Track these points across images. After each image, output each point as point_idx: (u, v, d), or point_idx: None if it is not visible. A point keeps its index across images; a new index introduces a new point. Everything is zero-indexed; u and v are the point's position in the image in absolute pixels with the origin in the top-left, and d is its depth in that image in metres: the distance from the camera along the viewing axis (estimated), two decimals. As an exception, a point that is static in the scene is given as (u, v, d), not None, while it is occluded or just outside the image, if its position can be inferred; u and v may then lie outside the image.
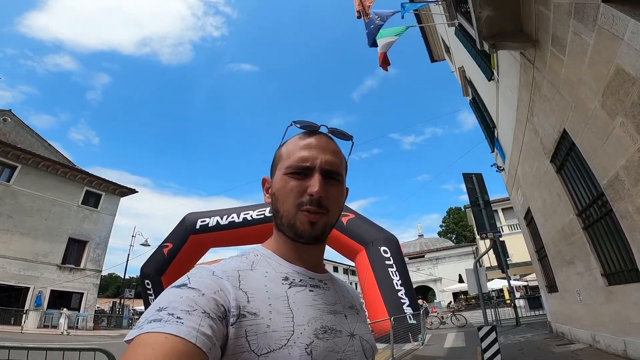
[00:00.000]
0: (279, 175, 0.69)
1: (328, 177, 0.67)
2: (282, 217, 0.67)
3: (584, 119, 4.00)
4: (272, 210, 0.71)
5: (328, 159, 0.68)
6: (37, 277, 19.41)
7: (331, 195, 0.67)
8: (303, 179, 0.66)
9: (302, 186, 0.66)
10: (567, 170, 5.60)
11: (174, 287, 0.55)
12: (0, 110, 22.16)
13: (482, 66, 6.42)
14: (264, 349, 0.53)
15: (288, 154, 0.69)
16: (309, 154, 0.67)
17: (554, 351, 6.87)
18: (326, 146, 0.70)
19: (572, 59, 3.52)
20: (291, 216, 0.66)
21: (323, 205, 0.65)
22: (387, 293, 12.11)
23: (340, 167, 0.71)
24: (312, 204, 0.65)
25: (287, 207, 0.66)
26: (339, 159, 0.71)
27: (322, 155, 0.68)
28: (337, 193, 0.69)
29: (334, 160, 0.69)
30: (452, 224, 56.03)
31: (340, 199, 0.71)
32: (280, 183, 0.68)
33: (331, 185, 0.67)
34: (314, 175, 0.66)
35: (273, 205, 0.70)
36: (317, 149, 0.68)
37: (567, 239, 6.50)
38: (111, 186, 24.43)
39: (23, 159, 20.04)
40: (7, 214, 18.90)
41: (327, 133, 0.73)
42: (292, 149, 0.69)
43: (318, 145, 0.69)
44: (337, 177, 0.69)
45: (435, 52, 13.65)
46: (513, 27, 4.03)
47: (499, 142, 9.77)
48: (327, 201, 0.66)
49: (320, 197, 0.65)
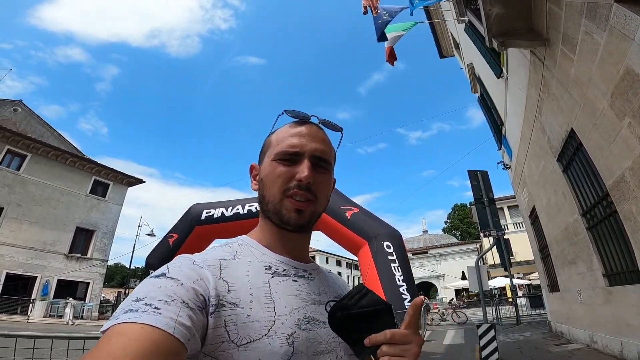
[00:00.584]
0: (268, 161, 0.69)
1: (317, 164, 0.67)
2: (268, 203, 0.67)
3: (592, 119, 3.98)
4: (259, 196, 0.71)
5: (317, 146, 0.68)
6: (44, 266, 19.57)
7: (319, 183, 0.67)
8: (292, 165, 0.66)
9: (291, 172, 0.66)
10: (573, 170, 5.57)
11: (152, 276, 0.54)
12: (11, 101, 22.39)
13: (491, 63, 6.37)
14: (243, 339, 0.52)
15: (278, 141, 0.69)
16: (298, 141, 0.67)
17: (551, 351, 6.90)
18: (316, 134, 0.70)
19: (582, 58, 3.50)
20: (277, 202, 0.66)
21: (312, 190, 0.65)
22: (389, 288, 12.14)
23: (330, 155, 0.71)
24: (301, 189, 0.64)
25: (273, 193, 0.66)
26: (328, 147, 0.71)
27: (311, 143, 0.68)
28: (325, 181, 0.69)
29: (324, 148, 0.69)
30: (457, 221, 55.86)
31: (328, 187, 0.71)
32: (269, 169, 0.68)
33: (320, 173, 0.67)
34: (303, 161, 0.66)
35: (260, 192, 0.70)
36: (307, 136, 0.68)
37: (571, 238, 6.48)
38: (119, 176, 24.60)
39: (33, 148, 20.24)
40: (17, 203, 19.10)
41: (318, 123, 0.73)
42: (282, 137, 0.69)
43: (308, 133, 0.69)
44: (325, 166, 0.69)
45: (444, 48, 13.52)
46: (523, 25, 3.99)
47: (507, 140, 9.71)
48: (315, 187, 0.66)
49: (309, 183, 0.64)
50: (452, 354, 8.00)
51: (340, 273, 47.66)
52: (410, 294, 12.27)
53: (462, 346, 8.99)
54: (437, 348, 8.86)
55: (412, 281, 13.20)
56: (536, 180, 7.92)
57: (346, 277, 48.42)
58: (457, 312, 16.27)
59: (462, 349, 8.51)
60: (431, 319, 16.07)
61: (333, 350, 0.61)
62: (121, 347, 0.41)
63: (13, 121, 21.32)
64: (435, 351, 8.41)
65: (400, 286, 12.36)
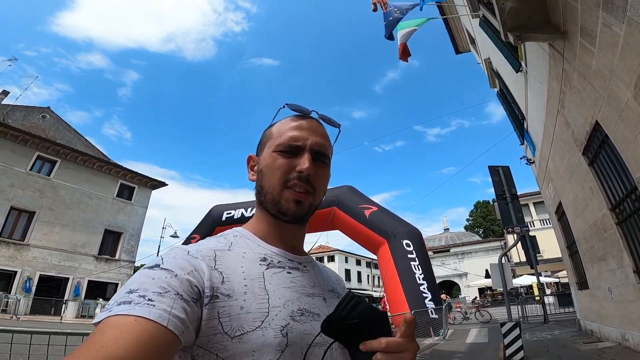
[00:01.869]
0: (268, 152, 0.70)
1: (317, 158, 0.69)
2: (267, 193, 0.68)
3: (617, 110, 3.85)
4: (257, 187, 0.72)
5: (318, 140, 0.69)
6: (75, 268, 20.23)
7: (318, 176, 0.68)
8: (292, 157, 0.67)
9: (291, 164, 0.67)
10: (599, 163, 5.40)
11: (146, 268, 0.53)
12: (40, 108, 23.09)
13: (509, 57, 6.23)
14: (237, 330, 0.52)
15: (279, 133, 0.70)
16: (300, 134, 0.69)
17: (580, 349, 6.70)
18: (317, 129, 0.71)
19: (602, 50, 3.40)
20: (276, 193, 0.66)
21: (311, 183, 0.67)
22: (409, 287, 12.07)
23: (328, 150, 0.72)
24: (301, 180, 0.65)
25: (272, 184, 0.67)
26: (327, 142, 0.73)
27: (312, 137, 0.69)
28: (323, 175, 0.71)
29: (324, 142, 0.71)
30: (480, 218, 54.51)
31: (326, 181, 0.72)
32: (269, 160, 0.69)
33: (319, 167, 0.69)
34: (304, 154, 0.67)
35: (258, 182, 0.71)
36: (308, 130, 0.70)
37: (600, 234, 6.27)
38: (143, 179, 25.29)
39: (62, 154, 21.04)
40: (48, 207, 19.89)
41: (317, 118, 0.74)
42: (283, 129, 0.70)
43: (309, 127, 0.70)
44: (324, 160, 0.71)
45: (460, 44, 13.27)
46: (539, 18, 3.90)
47: (529, 134, 9.45)
48: (314, 180, 0.67)
49: (309, 175, 0.66)
50: (475, 353, 7.87)
51: (360, 272, 47.46)
52: (431, 293, 12.14)
53: (486, 345, 8.83)
54: (459, 347, 8.74)
55: (433, 279, 13.07)
56: (561, 175, 7.69)
57: (366, 276, 48.17)
58: (481, 310, 15.95)
59: (485, 348, 8.36)
60: (453, 317, 15.83)
61: (327, 343, 0.60)
62: (114, 340, 0.41)
63: (42, 128, 22.06)
64: (457, 350, 8.30)
65: (421, 285, 12.26)
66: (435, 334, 10.47)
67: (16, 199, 18.65)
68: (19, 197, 18.81)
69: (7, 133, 18.69)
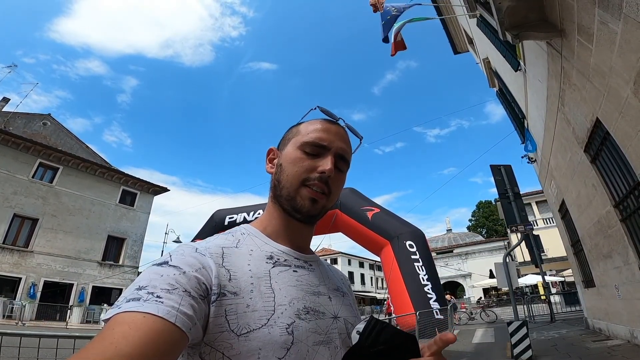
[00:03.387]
0: (292, 148, 0.70)
1: (338, 163, 0.70)
2: (283, 188, 0.68)
3: (617, 107, 3.85)
4: (273, 180, 0.71)
5: (343, 146, 0.71)
6: (79, 274, 20.34)
7: (336, 180, 0.69)
8: (315, 158, 0.68)
9: (313, 164, 0.67)
10: (602, 160, 5.38)
11: (155, 265, 0.54)
12: (40, 115, 23.18)
13: (507, 56, 6.23)
14: (243, 328, 0.52)
15: (307, 131, 0.71)
16: (327, 136, 0.70)
17: (588, 347, 6.65)
18: (343, 135, 0.73)
19: (600, 47, 3.40)
20: (293, 189, 0.67)
21: (329, 185, 0.67)
22: (413, 288, 12.02)
23: (349, 158, 0.74)
24: (321, 181, 0.66)
25: (291, 180, 0.67)
26: (350, 150, 0.74)
27: (338, 142, 0.71)
28: (341, 180, 0.72)
29: (347, 149, 0.73)
30: (482, 218, 54.32)
31: (341, 187, 0.73)
32: (293, 155, 0.69)
33: (338, 172, 0.70)
34: (328, 156, 0.68)
35: (275, 176, 0.71)
36: (335, 135, 0.71)
37: (604, 231, 6.24)
38: (145, 185, 25.43)
39: (64, 161, 21.18)
40: (52, 213, 20.01)
41: (344, 126, 0.76)
42: (312, 129, 0.71)
43: (336, 132, 0.72)
44: (344, 166, 0.72)
45: (458, 44, 13.28)
46: (536, 16, 3.90)
47: (530, 133, 9.44)
48: (332, 183, 0.68)
49: (330, 177, 0.67)
50: (481, 353, 7.82)
51: (363, 275, 47.35)
52: (436, 293, 12.09)
53: (492, 344, 8.78)
54: (465, 347, 8.69)
55: (437, 280, 13.02)
56: (564, 173, 7.67)
57: (369, 278, 48.04)
58: (486, 310, 15.87)
59: (492, 348, 8.31)
60: (459, 318, 15.75)
61: (332, 341, 0.61)
62: (123, 336, 0.41)
63: (43, 135, 22.17)
64: (463, 350, 8.25)
65: (425, 285, 12.21)
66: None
67: (19, 206, 18.78)
68: (22, 204, 18.93)
69: (9, 140, 18.83)
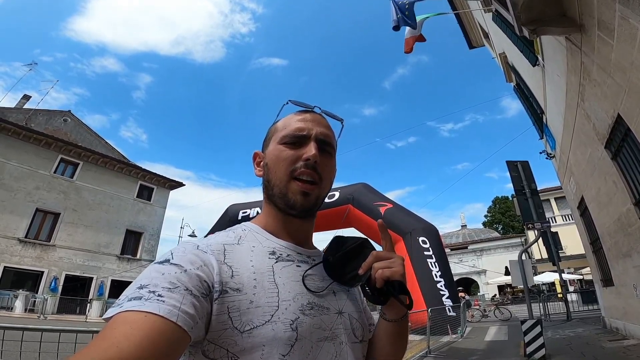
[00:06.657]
0: (274, 145, 0.70)
1: (322, 148, 0.69)
2: (274, 186, 0.68)
3: (639, 103, 3.74)
4: (264, 181, 0.72)
5: (323, 130, 0.71)
6: (99, 268, 20.86)
7: (325, 165, 0.69)
8: (298, 148, 0.68)
9: (297, 154, 0.67)
10: (623, 157, 5.24)
11: (156, 263, 0.53)
12: (61, 111, 23.81)
13: (525, 51, 6.08)
14: (247, 325, 0.52)
15: (284, 126, 0.71)
16: (305, 125, 0.70)
17: (604, 346, 6.53)
18: (320, 121, 0.73)
19: (621, 43, 3.30)
20: (283, 185, 0.66)
21: (317, 171, 0.67)
22: (426, 284, 11.96)
23: (333, 141, 0.73)
24: (308, 167, 0.66)
25: (279, 176, 0.67)
26: (332, 133, 0.74)
27: (317, 127, 0.70)
28: (329, 164, 0.71)
29: (328, 133, 0.72)
30: (499, 214, 53.35)
31: (332, 171, 0.72)
32: (275, 152, 0.69)
33: (325, 156, 0.69)
34: (310, 143, 0.68)
35: (265, 177, 0.71)
36: (312, 122, 0.71)
37: (624, 229, 6.08)
38: (162, 180, 25.85)
39: (84, 156, 21.70)
40: (72, 208, 20.55)
41: (320, 113, 0.75)
42: (288, 122, 0.72)
43: (313, 119, 0.72)
44: (330, 150, 0.71)
45: (473, 39, 13.00)
46: (554, 11, 3.81)
47: (548, 128, 9.22)
48: (321, 169, 0.67)
49: (316, 162, 0.66)
50: (494, 350, 7.77)
51: (377, 269, 47.22)
52: (448, 290, 12.01)
53: (506, 342, 8.69)
54: (478, 345, 8.64)
55: (451, 277, 12.92)
56: (583, 169, 7.49)
57: (383, 273, 47.88)
58: (500, 308, 15.67)
59: (505, 346, 8.23)
60: (472, 315, 15.60)
61: (337, 337, 0.61)
62: (125, 336, 0.41)
63: (64, 131, 22.75)
64: (476, 348, 8.20)
65: (438, 282, 12.14)
66: (453, 331, 10.35)
67: (41, 201, 19.35)
68: (44, 199, 19.50)
69: (31, 137, 19.40)
